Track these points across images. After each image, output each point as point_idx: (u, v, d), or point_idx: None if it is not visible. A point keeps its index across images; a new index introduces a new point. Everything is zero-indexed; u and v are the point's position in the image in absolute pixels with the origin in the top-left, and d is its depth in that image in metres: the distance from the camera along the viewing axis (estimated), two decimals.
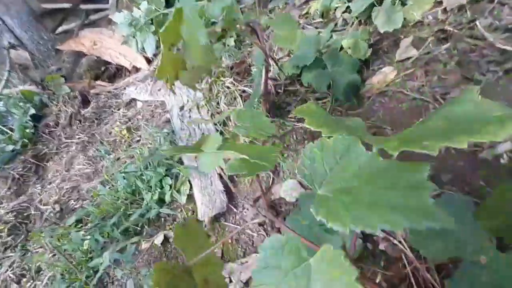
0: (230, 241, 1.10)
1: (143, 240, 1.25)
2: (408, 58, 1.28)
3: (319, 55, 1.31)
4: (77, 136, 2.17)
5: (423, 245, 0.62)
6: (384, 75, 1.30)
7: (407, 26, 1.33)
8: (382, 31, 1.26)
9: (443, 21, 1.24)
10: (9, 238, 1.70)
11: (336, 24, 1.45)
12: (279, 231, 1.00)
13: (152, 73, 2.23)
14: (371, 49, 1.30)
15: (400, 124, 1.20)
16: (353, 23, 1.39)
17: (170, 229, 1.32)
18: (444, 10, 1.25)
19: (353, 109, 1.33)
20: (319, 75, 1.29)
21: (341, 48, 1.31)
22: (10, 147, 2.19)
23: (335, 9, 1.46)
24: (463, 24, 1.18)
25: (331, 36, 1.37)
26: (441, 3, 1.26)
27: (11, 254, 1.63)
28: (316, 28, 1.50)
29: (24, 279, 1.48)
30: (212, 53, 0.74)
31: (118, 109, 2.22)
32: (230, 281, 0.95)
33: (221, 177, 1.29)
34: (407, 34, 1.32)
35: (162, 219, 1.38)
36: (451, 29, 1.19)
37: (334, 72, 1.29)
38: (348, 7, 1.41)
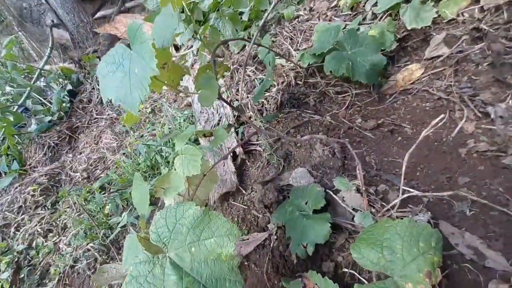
0: (236, 219, 1.15)
1: (158, 210, 1.34)
2: (438, 56, 1.22)
3: (339, 40, 1.23)
4: (107, 113, 2.33)
5: None
6: (410, 72, 1.26)
7: (440, 23, 1.27)
8: (409, 28, 1.22)
9: (479, 20, 1.18)
10: (41, 198, 1.89)
11: (364, 18, 1.42)
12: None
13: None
14: (398, 44, 1.26)
15: (422, 124, 1.17)
16: (382, 17, 1.35)
17: None
18: (481, 9, 1.18)
19: (373, 105, 1.30)
20: (336, 58, 1.19)
21: None
22: (48, 118, 2.41)
23: (365, 3, 1.43)
24: (499, 25, 1.12)
25: (358, 29, 1.34)
26: (478, 1, 1.19)
27: (41, 212, 1.82)
28: (344, 21, 1.48)
29: (51, 234, 1.65)
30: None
31: None
32: None
33: (234, 159, 1.34)
34: (439, 32, 1.26)
35: None
36: (487, 28, 1.13)
37: (354, 53, 1.19)
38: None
